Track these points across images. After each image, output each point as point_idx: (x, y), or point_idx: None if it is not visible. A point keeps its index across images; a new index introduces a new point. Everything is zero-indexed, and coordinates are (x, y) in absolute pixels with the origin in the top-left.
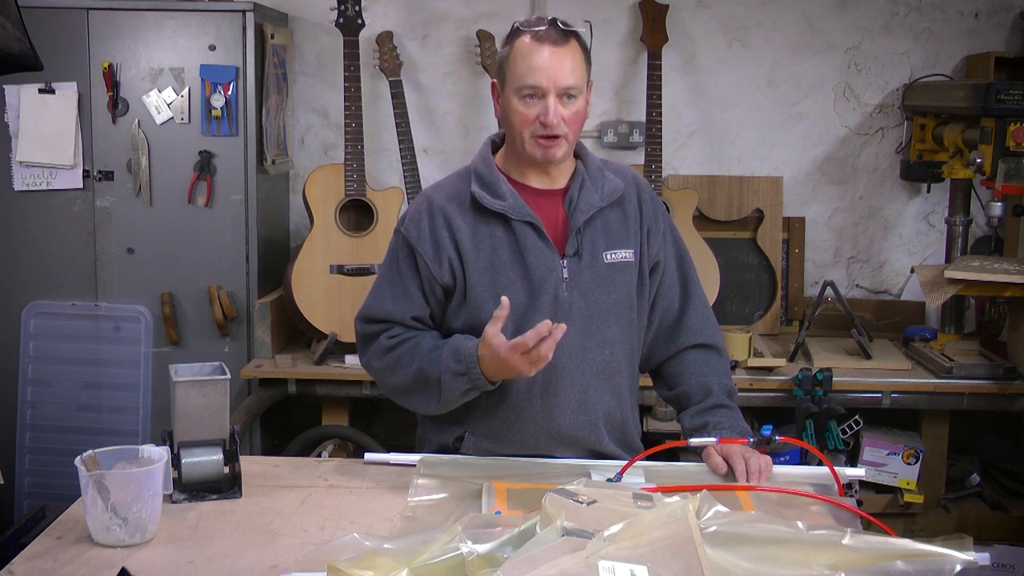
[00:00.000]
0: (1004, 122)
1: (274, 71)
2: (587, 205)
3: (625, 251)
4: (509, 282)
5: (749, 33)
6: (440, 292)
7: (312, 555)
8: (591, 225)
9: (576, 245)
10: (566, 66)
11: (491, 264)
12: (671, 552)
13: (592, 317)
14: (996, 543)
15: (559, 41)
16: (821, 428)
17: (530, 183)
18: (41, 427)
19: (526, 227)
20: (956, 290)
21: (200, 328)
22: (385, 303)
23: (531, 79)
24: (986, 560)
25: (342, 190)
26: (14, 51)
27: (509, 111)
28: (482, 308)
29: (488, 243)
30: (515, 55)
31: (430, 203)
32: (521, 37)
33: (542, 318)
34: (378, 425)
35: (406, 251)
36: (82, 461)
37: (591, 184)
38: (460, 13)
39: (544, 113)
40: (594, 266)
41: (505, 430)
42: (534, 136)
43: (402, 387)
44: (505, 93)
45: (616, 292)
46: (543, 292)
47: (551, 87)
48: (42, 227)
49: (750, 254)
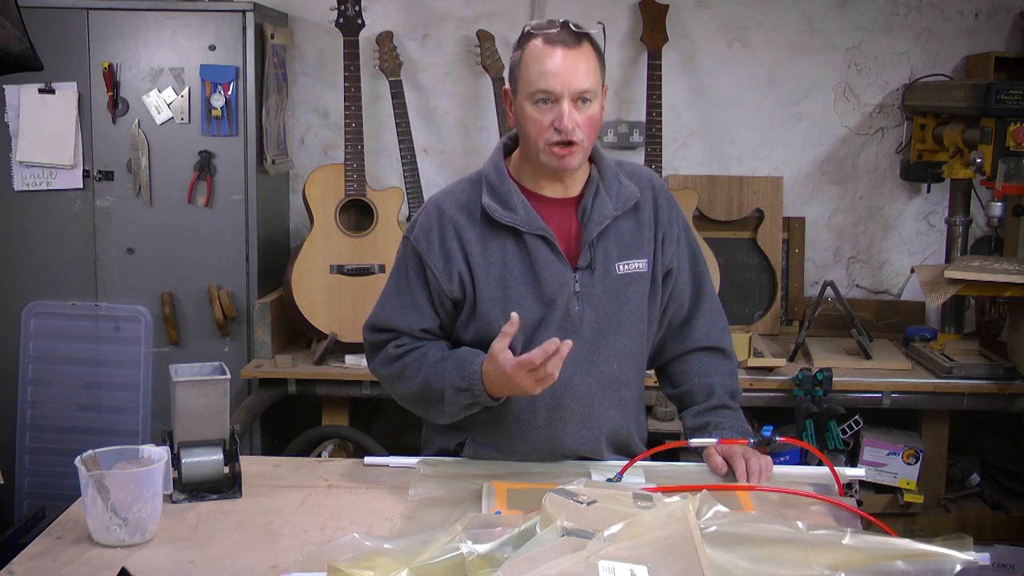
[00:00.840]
0: (1004, 122)
1: (274, 71)
2: (600, 216)
3: (638, 261)
4: (520, 297)
5: (749, 33)
6: (450, 305)
7: (312, 555)
8: (604, 236)
9: (589, 258)
10: (580, 69)
11: (502, 278)
12: (671, 552)
13: (601, 331)
14: (996, 543)
15: (572, 44)
16: (821, 428)
17: (543, 192)
18: (41, 427)
19: (538, 240)
20: (956, 290)
21: (200, 328)
22: (393, 314)
23: (544, 84)
24: (986, 560)
25: (342, 190)
26: (14, 51)
27: (523, 118)
28: (492, 322)
29: (499, 256)
30: (527, 59)
31: (440, 213)
32: (532, 41)
33: (553, 333)
34: (378, 425)
35: (415, 261)
36: (82, 461)
37: (605, 192)
38: (460, 13)
39: (559, 119)
40: (606, 279)
41: (507, 441)
42: (549, 144)
43: (409, 396)
44: (518, 99)
45: (627, 305)
46: (555, 307)
47: (565, 91)
48: (42, 227)
49: (750, 254)
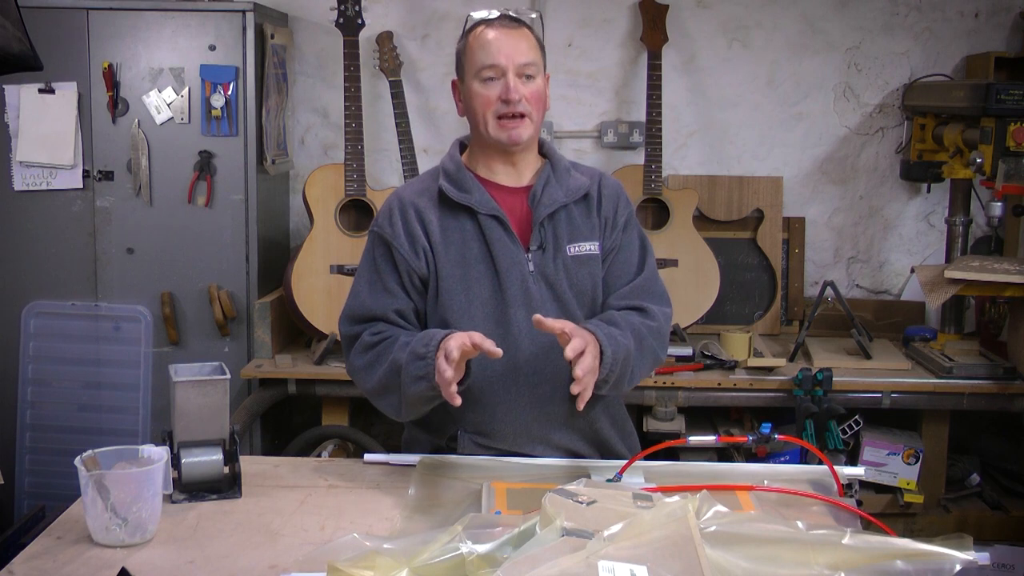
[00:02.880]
0: (1004, 122)
1: (274, 71)
2: (550, 200)
3: (589, 243)
4: (480, 275)
5: (749, 33)
6: (419, 283)
7: (312, 555)
8: (555, 219)
9: (540, 239)
10: (521, 46)
11: (462, 257)
12: (671, 552)
13: (562, 309)
14: (996, 543)
15: (512, 26)
16: (821, 428)
17: (497, 179)
18: (41, 427)
19: (492, 221)
20: (956, 290)
21: (200, 328)
22: (365, 300)
23: (489, 59)
24: (986, 560)
25: (342, 190)
26: (14, 51)
27: (471, 98)
28: (453, 300)
29: (459, 236)
30: (472, 44)
31: (400, 200)
32: (476, 28)
33: (515, 311)
34: (378, 425)
35: (383, 248)
36: (82, 461)
37: (556, 182)
38: (460, 13)
39: (505, 91)
40: (558, 259)
41: (495, 423)
42: (497, 116)
43: (377, 385)
44: (466, 83)
45: (581, 283)
46: (511, 285)
47: (509, 64)
48: (42, 227)
49: (750, 254)
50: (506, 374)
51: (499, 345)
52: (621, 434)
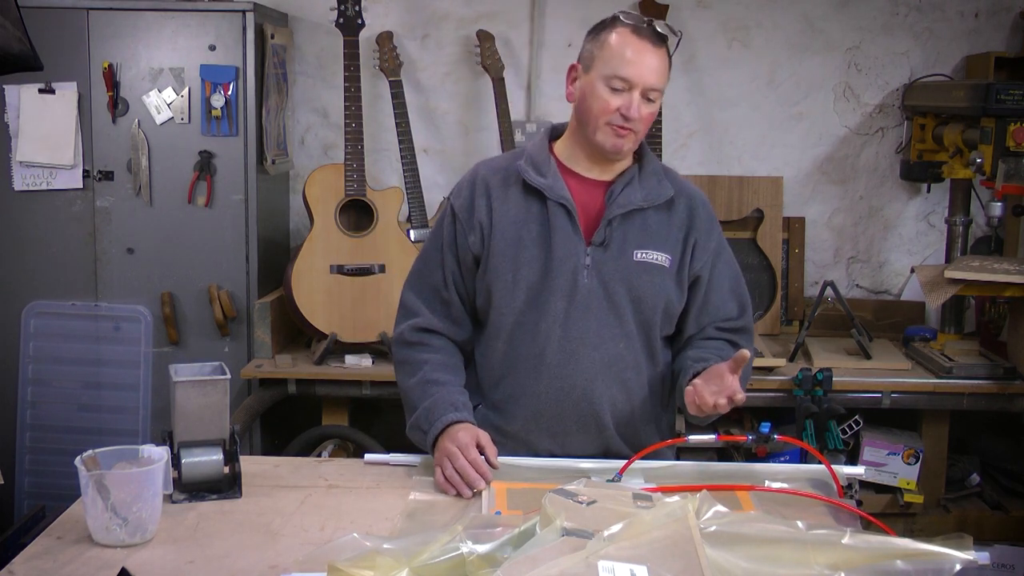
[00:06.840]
0: (1004, 122)
1: (274, 71)
2: (626, 200)
3: (659, 254)
4: (531, 258)
5: (749, 33)
6: (471, 261)
7: (312, 555)
8: (628, 220)
9: (604, 235)
10: (657, 67)
11: (517, 236)
12: (671, 552)
13: (611, 309)
14: (996, 543)
15: (656, 42)
16: (821, 428)
17: (580, 171)
18: (41, 427)
19: (559, 208)
20: (956, 290)
21: (200, 328)
22: (416, 280)
23: (624, 71)
24: (986, 560)
25: (342, 190)
26: (14, 51)
27: (590, 95)
28: (499, 277)
29: (522, 216)
30: (613, 43)
31: (475, 174)
32: (621, 27)
33: (558, 300)
34: (378, 425)
35: (450, 217)
36: (82, 461)
37: (639, 184)
38: (460, 13)
39: (627, 107)
40: (621, 260)
41: (511, 404)
42: (610, 124)
43: (399, 385)
44: (590, 76)
45: (640, 289)
46: (560, 275)
47: (640, 83)
48: (42, 227)
49: (750, 254)
50: (532, 359)
51: (530, 332)
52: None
